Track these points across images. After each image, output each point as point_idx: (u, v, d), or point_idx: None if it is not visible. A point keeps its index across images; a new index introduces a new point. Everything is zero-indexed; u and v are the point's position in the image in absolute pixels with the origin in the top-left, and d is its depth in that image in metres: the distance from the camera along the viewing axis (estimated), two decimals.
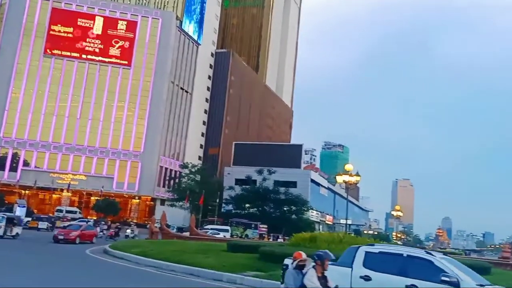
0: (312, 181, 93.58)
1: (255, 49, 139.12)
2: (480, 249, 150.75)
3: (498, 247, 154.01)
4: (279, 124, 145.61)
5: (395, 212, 76.99)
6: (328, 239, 22.48)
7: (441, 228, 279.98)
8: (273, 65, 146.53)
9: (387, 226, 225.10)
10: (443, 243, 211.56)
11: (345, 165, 36.29)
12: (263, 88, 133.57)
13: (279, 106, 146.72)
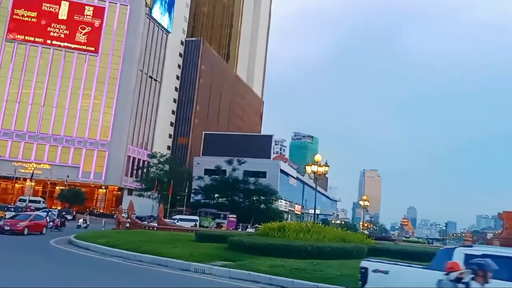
0: (281, 171, 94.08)
1: (226, 38, 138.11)
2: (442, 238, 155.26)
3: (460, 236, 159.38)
4: (250, 114, 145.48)
5: (362, 202, 78.34)
6: (296, 228, 22.59)
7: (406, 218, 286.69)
8: (244, 55, 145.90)
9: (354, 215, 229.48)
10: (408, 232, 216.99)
11: (314, 155, 36.50)
12: (233, 78, 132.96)
13: (250, 96, 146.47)
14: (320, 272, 14.02)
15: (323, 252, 17.78)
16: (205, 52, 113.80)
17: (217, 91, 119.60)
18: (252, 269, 14.40)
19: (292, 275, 13.52)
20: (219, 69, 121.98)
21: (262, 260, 15.99)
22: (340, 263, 16.36)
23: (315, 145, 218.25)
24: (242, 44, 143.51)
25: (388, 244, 27.61)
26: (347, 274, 13.90)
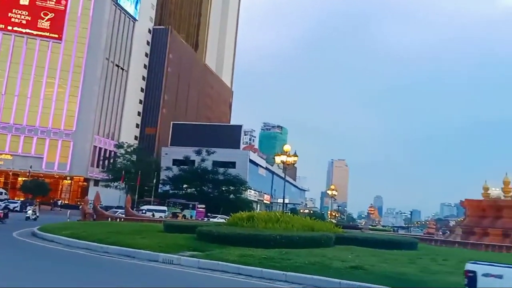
0: (251, 162, 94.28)
1: (195, 27, 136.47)
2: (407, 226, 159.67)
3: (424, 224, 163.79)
4: (219, 104, 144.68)
5: (330, 191, 79.39)
6: (265, 218, 22.71)
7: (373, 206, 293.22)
8: (213, 44, 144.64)
9: (322, 204, 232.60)
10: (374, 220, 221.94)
11: (283, 146, 36.64)
12: (202, 67, 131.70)
13: (219, 86, 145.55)
14: (289, 261, 14.14)
15: (292, 241, 17.96)
16: (173, 40, 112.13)
17: (186, 81, 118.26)
18: (220, 259, 14.38)
19: (261, 265, 13.57)
20: (187, 58, 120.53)
21: (231, 250, 16.03)
22: (309, 251, 16.54)
23: (284, 135, 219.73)
24: (211, 33, 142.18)
25: (355, 233, 28.13)
26: (315, 262, 14.07)
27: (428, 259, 17.35)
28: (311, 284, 11.97)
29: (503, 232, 35.55)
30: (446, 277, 12.88)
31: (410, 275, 12.73)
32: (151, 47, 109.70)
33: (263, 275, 12.85)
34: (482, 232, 37.81)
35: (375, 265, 14.11)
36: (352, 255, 16.44)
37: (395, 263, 15.08)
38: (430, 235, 53.58)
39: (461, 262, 17.08)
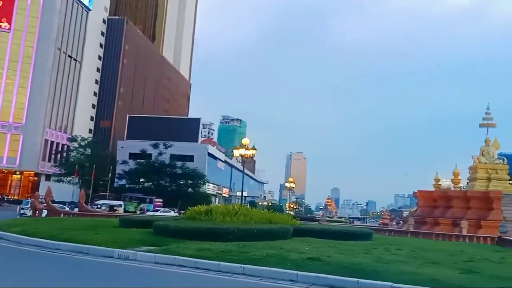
0: (209, 155, 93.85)
1: (151, 18, 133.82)
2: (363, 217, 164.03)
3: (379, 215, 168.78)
4: (176, 97, 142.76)
5: (288, 183, 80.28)
6: (223, 211, 22.60)
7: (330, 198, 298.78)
8: (171, 35, 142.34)
9: (281, 197, 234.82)
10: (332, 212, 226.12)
11: (242, 139, 36.57)
12: (159, 59, 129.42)
13: (177, 79, 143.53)
14: (247, 253, 14.15)
15: (250, 234, 17.97)
16: (129, 31, 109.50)
17: (142, 73, 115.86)
18: (178, 254, 14.20)
19: (218, 258, 13.50)
20: (144, 49, 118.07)
21: (189, 244, 15.89)
22: (266, 244, 16.61)
23: (244, 128, 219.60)
24: (168, 25, 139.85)
25: (312, 224, 28.48)
26: (273, 254, 14.15)
27: (382, 249, 17.80)
28: (268, 276, 12.01)
29: (452, 221, 37.07)
30: (399, 266, 13.24)
31: (365, 265, 13.02)
32: (106, 38, 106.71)
33: (220, 269, 12.79)
34: (433, 221, 39.30)
35: (331, 256, 14.32)
36: (309, 247, 16.64)
37: (351, 254, 15.39)
38: (385, 226, 55.29)
39: (413, 251, 17.75)
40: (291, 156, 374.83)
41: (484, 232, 32.25)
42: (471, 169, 45.13)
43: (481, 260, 16.48)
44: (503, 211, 37.12)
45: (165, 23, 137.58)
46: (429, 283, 10.85)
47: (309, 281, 11.50)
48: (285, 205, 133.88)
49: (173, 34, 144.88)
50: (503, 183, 42.22)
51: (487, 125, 44.95)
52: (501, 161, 43.78)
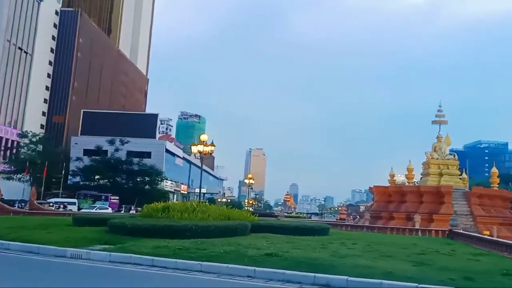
0: (167, 151, 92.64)
1: (107, 10, 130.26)
2: (321, 212, 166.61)
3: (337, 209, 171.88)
4: (133, 92, 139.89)
5: (248, 180, 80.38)
6: (181, 208, 22.42)
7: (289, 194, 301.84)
8: (127, 29, 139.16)
9: (240, 193, 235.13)
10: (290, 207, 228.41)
11: (201, 135, 36.26)
12: (115, 53, 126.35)
13: (134, 73, 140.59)
14: (204, 250, 14.08)
15: (208, 231, 17.91)
16: (83, 24, 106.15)
17: (98, 67, 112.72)
18: (133, 252, 13.91)
19: (175, 256, 13.34)
20: (99, 43, 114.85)
21: (145, 242, 15.69)
22: (224, 240, 16.58)
23: (203, 124, 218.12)
24: (125, 18, 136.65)
25: (271, 220, 28.64)
26: (231, 251, 14.12)
27: (339, 244, 18.15)
28: (226, 273, 11.94)
29: (406, 215, 38.33)
30: (355, 260, 13.51)
31: (322, 259, 13.20)
32: (59, 30, 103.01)
33: (178, 266, 12.62)
34: (388, 216, 40.49)
35: (289, 252, 14.45)
36: (267, 243, 16.73)
37: (308, 249, 15.59)
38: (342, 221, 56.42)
39: (369, 245, 18.18)
40: (250, 152, 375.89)
41: (436, 225, 33.52)
42: (424, 164, 46.81)
43: (432, 252, 17.09)
44: (453, 205, 38.74)
45: (122, 16, 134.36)
46: (383, 276, 11.11)
47: (266, 277, 11.52)
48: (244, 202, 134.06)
49: (130, 27, 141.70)
50: (454, 178, 44.07)
51: (439, 122, 46.71)
52: (452, 157, 45.64)
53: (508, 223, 38.45)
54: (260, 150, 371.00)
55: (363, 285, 10.68)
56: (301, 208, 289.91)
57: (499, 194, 44.29)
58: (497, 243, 20.22)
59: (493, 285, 10.71)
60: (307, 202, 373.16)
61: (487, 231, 33.76)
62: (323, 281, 11.03)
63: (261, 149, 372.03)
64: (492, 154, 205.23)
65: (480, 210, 38.53)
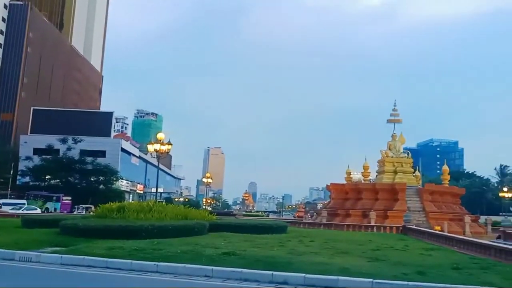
0: (122, 150, 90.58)
1: (59, 5, 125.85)
2: (279, 210, 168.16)
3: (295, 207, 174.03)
4: (87, 89, 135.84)
5: (205, 179, 79.85)
6: (137, 208, 22.03)
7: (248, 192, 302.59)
8: (81, 25, 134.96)
9: (198, 192, 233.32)
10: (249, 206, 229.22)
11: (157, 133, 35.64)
12: (68, 49, 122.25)
13: (87, 70, 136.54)
14: (161, 251, 13.84)
15: (165, 231, 17.67)
16: (34, 18, 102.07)
17: (49, 63, 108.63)
18: (86, 254, 13.47)
19: (131, 257, 13.01)
20: (51, 38, 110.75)
21: (99, 243, 15.28)
22: (181, 240, 16.38)
23: (160, 123, 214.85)
24: (78, 13, 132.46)
25: (229, 219, 28.59)
26: (188, 251, 13.93)
27: (296, 241, 18.30)
28: (183, 273, 11.75)
29: (362, 212, 39.17)
30: (312, 257, 13.63)
31: (279, 257, 13.24)
32: (8, 25, 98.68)
33: (133, 268, 12.30)
34: (345, 213, 41.25)
35: (247, 250, 14.42)
36: (225, 242, 16.65)
37: (266, 247, 15.61)
38: (300, 218, 57.05)
39: (325, 242, 18.41)
40: (209, 151, 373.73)
41: (391, 221, 34.45)
42: (379, 162, 48.03)
43: (387, 248, 17.52)
44: (407, 201, 39.96)
45: (74, 10, 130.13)
46: (339, 272, 11.25)
47: (224, 276, 11.42)
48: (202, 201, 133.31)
49: (83, 22, 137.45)
50: (408, 175, 45.47)
51: (393, 121, 48.05)
52: (406, 155, 47.08)
53: (458, 218, 40.02)
54: (218, 148, 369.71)
55: (320, 282, 10.76)
56: (259, 206, 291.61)
57: (449, 190, 46.02)
58: (448, 238, 20.99)
59: (444, 278, 11.04)
60: (265, 201, 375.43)
61: (438, 227, 35.05)
62: (280, 279, 11.04)
63: (219, 148, 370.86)
64: (444, 152, 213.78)
65: (432, 206, 39.89)
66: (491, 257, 15.51)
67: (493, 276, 11.77)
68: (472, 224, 39.82)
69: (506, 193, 61.66)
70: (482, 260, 14.93)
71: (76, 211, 50.74)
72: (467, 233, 35.20)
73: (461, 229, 36.61)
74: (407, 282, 10.55)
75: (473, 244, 17.78)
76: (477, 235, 33.17)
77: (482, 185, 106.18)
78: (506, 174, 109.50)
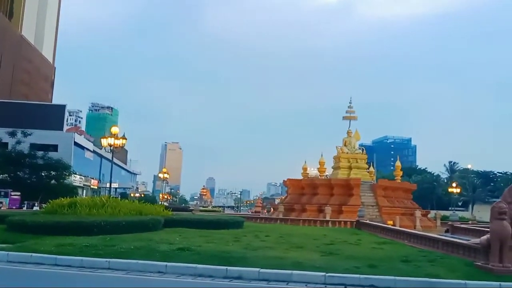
0: (76, 144, 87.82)
1: None
2: (236, 205, 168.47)
3: (253, 203, 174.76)
4: (38, 81, 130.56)
5: (162, 174, 78.88)
6: (89, 204, 21.48)
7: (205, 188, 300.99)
8: (31, 13, 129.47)
9: (154, 188, 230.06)
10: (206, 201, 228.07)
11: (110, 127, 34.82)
12: (18, 38, 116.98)
13: (39, 61, 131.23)
14: (113, 247, 13.53)
15: (118, 227, 17.31)
16: None
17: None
18: (35, 251, 13.01)
19: (81, 253, 12.67)
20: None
21: (48, 240, 14.78)
22: (135, 236, 16.11)
23: (115, 117, 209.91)
24: (29, 1, 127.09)
25: (185, 215, 28.31)
26: (141, 246, 13.69)
27: (252, 236, 18.36)
28: (136, 269, 11.55)
29: (318, 207, 39.76)
30: (267, 252, 13.71)
31: (234, 252, 13.24)
32: None
33: (83, 264, 11.98)
34: (301, 208, 41.76)
35: (202, 246, 14.34)
36: (180, 237, 16.49)
37: (221, 242, 15.58)
38: (257, 213, 57.34)
39: (281, 237, 18.57)
40: (166, 146, 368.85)
41: (345, 216, 35.17)
42: (335, 158, 48.89)
43: (340, 242, 17.88)
44: (361, 196, 40.92)
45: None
46: (293, 267, 11.38)
47: (178, 272, 11.32)
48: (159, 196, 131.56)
49: (34, 12, 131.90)
50: (362, 171, 46.56)
51: (349, 117, 49.03)
52: (361, 151, 48.17)
53: (409, 213, 41.37)
54: (176, 144, 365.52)
55: (274, 276, 10.85)
56: (217, 202, 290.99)
57: (401, 186, 47.49)
58: (399, 232, 21.66)
59: (393, 271, 11.38)
60: (223, 196, 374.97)
61: (390, 221, 36.11)
62: (235, 274, 11.05)
63: (177, 143, 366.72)
64: (397, 148, 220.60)
65: (385, 201, 41.03)
66: (439, 250, 16.14)
67: (439, 268, 12.25)
68: (423, 218, 41.29)
69: (455, 189, 64.25)
70: (430, 253, 15.51)
71: (25, 207, 48.79)
72: (417, 227, 36.45)
73: (412, 223, 37.87)
74: (358, 275, 10.82)
75: (422, 238, 18.42)
76: (427, 229, 34.41)
77: (433, 181, 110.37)
78: (455, 170, 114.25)
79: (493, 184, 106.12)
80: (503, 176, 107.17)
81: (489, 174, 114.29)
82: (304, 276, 10.83)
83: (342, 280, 10.65)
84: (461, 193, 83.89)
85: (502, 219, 12.07)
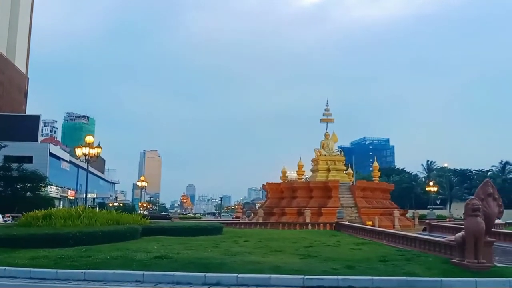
0: (51, 155, 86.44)
1: None
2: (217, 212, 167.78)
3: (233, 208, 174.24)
4: (11, 91, 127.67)
5: (140, 182, 78.07)
6: (65, 215, 21.03)
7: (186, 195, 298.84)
8: (3, 24, 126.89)
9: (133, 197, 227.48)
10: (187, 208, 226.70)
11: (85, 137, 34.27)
12: None
13: (11, 71, 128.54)
14: (89, 258, 13.28)
15: (94, 237, 17.01)
16: None
17: None
18: (8, 264, 12.71)
19: (56, 265, 12.40)
20: None
21: (22, 253, 14.44)
22: (112, 246, 15.86)
23: (92, 126, 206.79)
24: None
25: (163, 223, 27.98)
26: (118, 256, 13.49)
27: (231, 242, 18.28)
28: (112, 280, 11.36)
29: (298, 210, 39.89)
30: (245, 257, 13.66)
31: (213, 258, 13.16)
32: None
33: (58, 277, 11.73)
34: (281, 212, 41.81)
35: (180, 253, 14.21)
36: (158, 246, 16.31)
37: (200, 249, 15.47)
38: (237, 219, 57.18)
39: (260, 242, 18.53)
40: (144, 154, 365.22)
41: (325, 218, 35.34)
42: (313, 161, 49.20)
43: (319, 245, 17.94)
44: (340, 198, 41.23)
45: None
46: (272, 271, 11.37)
47: (155, 280, 11.18)
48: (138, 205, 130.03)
49: (6, 22, 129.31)
50: (340, 173, 46.96)
51: (326, 120, 49.42)
52: (339, 153, 48.62)
53: (388, 213, 41.86)
54: (154, 151, 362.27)
55: (252, 281, 10.82)
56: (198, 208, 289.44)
57: (379, 186, 48.03)
58: (377, 232, 21.86)
59: (371, 271, 11.47)
60: (204, 203, 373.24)
61: (369, 222, 36.48)
62: (213, 280, 10.98)
63: (155, 151, 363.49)
64: (376, 149, 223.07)
65: (363, 202, 41.43)
66: (416, 248, 16.35)
67: (417, 266, 12.40)
68: (401, 218, 41.84)
69: (432, 187, 65.36)
70: (408, 251, 15.71)
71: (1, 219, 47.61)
72: (396, 227, 36.93)
73: (391, 223, 38.35)
74: (336, 277, 10.87)
75: (400, 237, 18.64)
76: (406, 228, 34.89)
77: (411, 181, 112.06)
78: (432, 169, 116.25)
79: (469, 182, 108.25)
80: (480, 173, 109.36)
81: (465, 172, 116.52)
82: (282, 279, 10.83)
83: (320, 282, 10.68)
84: (439, 192, 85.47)
85: (476, 216, 12.28)
